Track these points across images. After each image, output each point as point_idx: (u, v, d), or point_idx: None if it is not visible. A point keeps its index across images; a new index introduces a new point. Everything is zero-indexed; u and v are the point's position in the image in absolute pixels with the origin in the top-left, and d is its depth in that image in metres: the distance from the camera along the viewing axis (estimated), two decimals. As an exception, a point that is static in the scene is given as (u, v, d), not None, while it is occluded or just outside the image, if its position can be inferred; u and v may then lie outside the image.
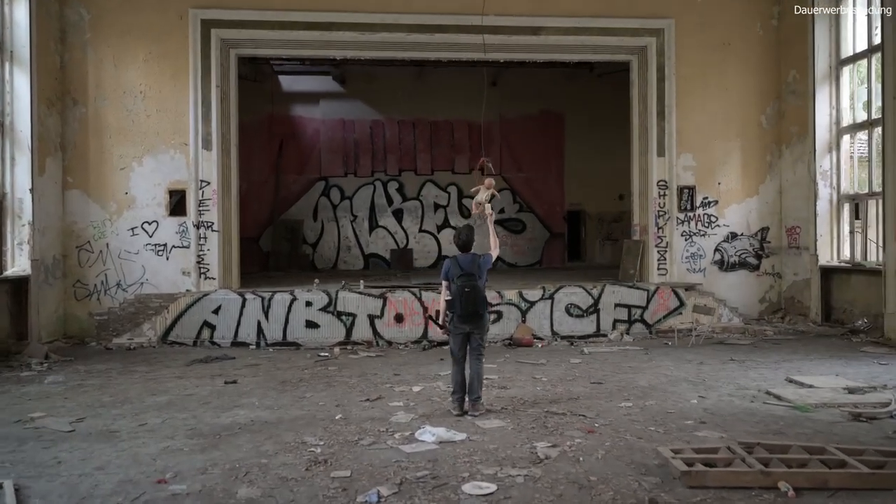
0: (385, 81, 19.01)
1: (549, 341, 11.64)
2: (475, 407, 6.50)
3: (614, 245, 20.00)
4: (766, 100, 13.51)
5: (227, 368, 9.53)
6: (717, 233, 13.40)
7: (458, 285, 6.34)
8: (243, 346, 11.46)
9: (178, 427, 6.30)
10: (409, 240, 19.51)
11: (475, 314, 6.35)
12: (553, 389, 7.75)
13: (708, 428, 6.01)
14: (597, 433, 5.88)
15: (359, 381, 8.42)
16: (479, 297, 6.33)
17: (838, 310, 12.44)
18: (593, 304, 12.03)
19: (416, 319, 11.64)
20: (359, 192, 19.42)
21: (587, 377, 8.49)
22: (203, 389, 8.05)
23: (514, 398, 7.28)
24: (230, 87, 12.77)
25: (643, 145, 13.40)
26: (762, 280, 13.57)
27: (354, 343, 11.44)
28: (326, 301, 11.58)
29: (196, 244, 12.31)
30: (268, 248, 18.84)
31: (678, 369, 8.92)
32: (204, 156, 12.38)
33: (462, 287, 6.31)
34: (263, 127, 18.93)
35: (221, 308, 11.66)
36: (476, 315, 6.36)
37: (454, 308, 6.39)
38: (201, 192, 12.37)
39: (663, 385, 7.93)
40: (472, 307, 6.30)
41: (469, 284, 6.30)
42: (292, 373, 9.13)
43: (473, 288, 6.30)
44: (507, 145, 19.64)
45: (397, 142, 19.54)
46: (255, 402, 7.32)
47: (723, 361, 9.42)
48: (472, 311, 6.33)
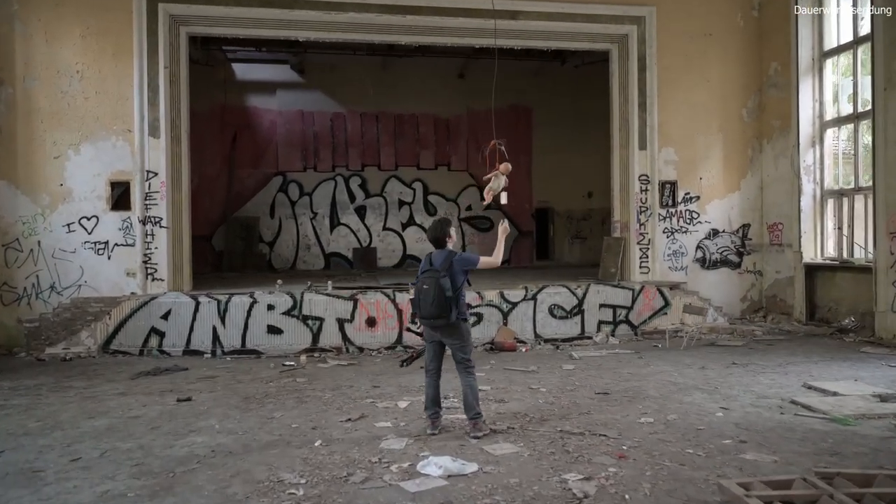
0: (347, 72, 17.81)
1: (532, 345, 10.71)
2: (476, 427, 5.51)
3: (583, 244, 19.33)
4: (747, 93, 12.93)
5: (180, 382, 8.25)
6: (698, 229, 12.74)
7: (418, 282, 5.55)
8: (197, 355, 10.15)
9: (120, 462, 5.07)
10: (373, 238, 18.33)
11: (437, 316, 5.40)
12: (557, 402, 6.79)
13: (752, 449, 5.14)
14: (629, 459, 4.94)
15: (334, 396, 7.28)
16: (440, 295, 5.34)
17: (823, 308, 11.92)
18: (577, 305, 11.16)
19: (390, 323, 10.52)
20: (319, 188, 18.13)
21: (588, 386, 7.57)
22: (151, 409, 6.79)
23: (517, 414, 6.29)
24: (180, 69, 11.40)
25: (624, 138, 12.63)
26: (744, 278, 12.98)
27: (322, 350, 10.26)
28: (291, 304, 10.36)
29: (142, 242, 10.91)
30: (221, 248, 17.37)
31: (682, 375, 8.09)
32: (151, 144, 10.99)
33: (420, 285, 5.49)
34: (215, 117, 17.46)
35: (171, 313, 10.32)
36: (436, 317, 5.40)
37: (414, 307, 5.62)
38: (148, 185, 10.98)
39: (674, 394, 7.07)
40: (432, 307, 5.37)
41: (428, 281, 5.42)
42: (256, 386, 7.92)
43: (433, 286, 5.38)
44: (474, 140, 18.67)
45: (360, 135, 18.34)
46: (214, 425, 6.12)
47: (724, 365, 8.65)
48: (433, 313, 5.39)
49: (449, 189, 18.67)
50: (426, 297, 5.42)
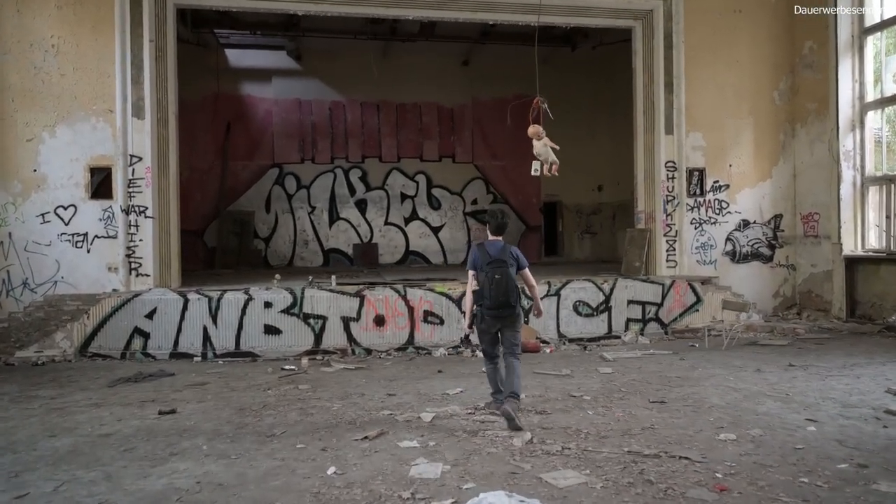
0: (346, 59, 16.58)
1: (556, 345, 9.59)
2: (517, 406, 5.27)
3: (593, 239, 18.23)
4: (778, 74, 11.85)
5: (164, 390, 7.06)
6: (728, 220, 11.64)
7: (488, 273, 5.33)
8: (185, 359, 8.96)
9: (77, 501, 3.89)
10: (374, 233, 17.11)
11: (506, 305, 5.33)
12: (610, 413, 5.65)
13: (881, 476, 4.02)
14: (733, 492, 3.80)
15: (344, 407, 6.11)
16: (510, 285, 5.33)
17: (865, 304, 10.85)
18: (604, 302, 10.04)
19: (401, 322, 9.36)
20: (317, 181, 16.89)
21: (637, 393, 6.44)
22: (127, 425, 5.60)
23: (567, 430, 5.14)
24: (168, 44, 10.18)
25: (649, 121, 11.51)
26: (776, 272, 11.89)
27: (325, 352, 9.09)
28: (290, 301, 9.18)
29: (125, 234, 9.69)
30: (213, 244, 16.11)
31: (739, 379, 6.98)
32: (135, 126, 9.77)
33: (492, 275, 5.31)
34: (208, 106, 16.21)
35: (157, 311, 9.12)
36: (508, 306, 5.33)
37: (482, 300, 5.37)
38: (131, 170, 9.77)
39: (742, 403, 5.95)
40: (504, 297, 5.29)
41: (500, 272, 5.31)
42: (251, 395, 6.74)
43: (504, 275, 5.31)
44: (480, 130, 17.53)
45: (360, 125, 17.13)
46: (202, 446, 4.94)
47: (781, 367, 7.55)
48: (503, 302, 5.31)
49: (453, 182, 17.50)
50: (499, 287, 5.30)
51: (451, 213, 17.46)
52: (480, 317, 5.43)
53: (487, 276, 5.32)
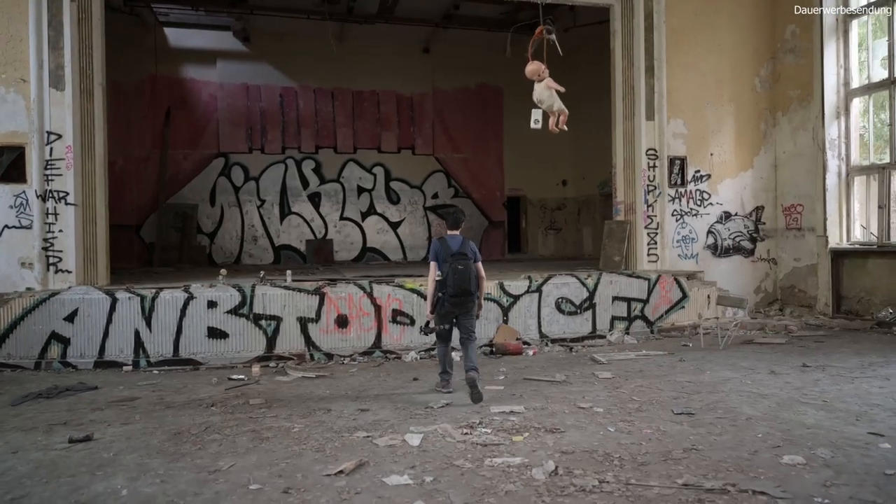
0: (298, 41, 15.23)
1: (538, 346, 8.55)
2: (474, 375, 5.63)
3: (557, 235, 17.38)
4: (759, 60, 11.18)
5: (82, 408, 5.66)
6: (709, 212, 10.89)
7: (452, 264, 5.74)
8: (113, 368, 7.51)
9: None
10: (329, 229, 15.78)
11: (466, 293, 5.77)
12: (635, 430, 4.60)
13: None
14: (852, 545, 2.80)
15: (308, 427, 4.88)
16: (471, 275, 5.79)
17: (851, 299, 10.24)
18: (588, 298, 9.07)
19: (366, 323, 8.14)
20: (267, 172, 15.45)
21: (654, 403, 5.43)
22: (24, 459, 4.23)
23: (593, 454, 4.07)
24: (93, 5, 8.69)
25: (629, 107, 10.64)
26: (757, 267, 11.21)
27: (280, 358, 7.79)
28: (239, 300, 7.83)
29: (42, 223, 8.17)
30: (151, 240, 14.47)
31: (757, 384, 6.08)
32: (53, 97, 8.27)
33: (455, 266, 5.73)
34: (145, 89, 14.58)
35: (79, 313, 7.63)
36: (467, 294, 5.78)
37: (445, 288, 5.76)
38: (49, 150, 8.25)
39: (780, 413, 5.02)
40: (465, 285, 5.73)
41: (462, 263, 5.76)
42: (191, 413, 5.42)
43: (466, 266, 5.77)
44: (441, 121, 16.44)
45: (313, 113, 15.76)
46: (120, 490, 3.65)
47: (796, 368, 6.72)
48: (464, 290, 5.75)
49: (414, 175, 16.33)
50: (463, 276, 5.70)
51: (410, 207, 16.29)
52: (441, 303, 5.78)
53: (451, 267, 5.69)
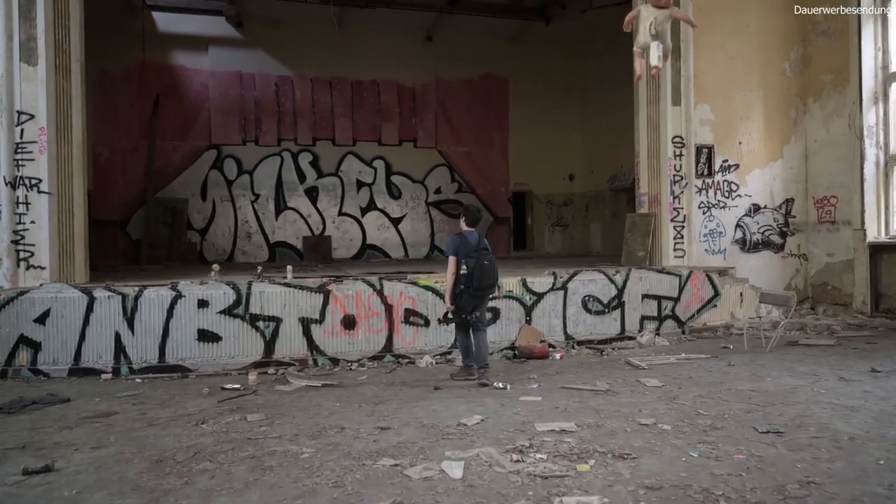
0: (295, 27, 14.28)
1: (565, 349, 7.67)
2: (485, 376, 5.82)
3: (564, 232, 16.53)
4: (789, 43, 10.37)
5: (47, 426, 4.71)
6: (737, 204, 10.05)
7: (476, 259, 5.78)
8: (90, 376, 6.55)
9: None
10: (327, 225, 14.82)
11: (490, 287, 5.89)
12: (723, 455, 3.72)
13: None
14: None
15: (320, 452, 3.96)
16: (496, 269, 5.90)
17: (891, 297, 9.41)
18: (617, 296, 8.19)
19: (376, 324, 7.21)
20: (261, 166, 14.45)
21: (727, 417, 4.55)
22: (-39, 500, 3.29)
23: (688, 491, 3.18)
24: (70, -29, 7.73)
25: (653, 92, 9.78)
26: (787, 263, 10.39)
27: (280, 363, 6.85)
28: (233, 299, 6.89)
29: (10, 214, 7.19)
30: (139, 236, 13.45)
31: (834, 393, 5.22)
32: (24, 73, 7.29)
33: (481, 261, 5.78)
34: (132, 77, 13.55)
35: (52, 314, 6.66)
36: (491, 287, 5.91)
37: (470, 281, 5.78)
38: (20, 131, 7.27)
39: (884, 431, 4.17)
40: (491, 279, 5.85)
41: (487, 258, 5.84)
42: (177, 433, 4.48)
43: (491, 262, 5.86)
44: (444, 113, 15.51)
45: (310, 104, 14.79)
46: (80, 547, 2.72)
47: (865, 374, 5.88)
48: (490, 284, 5.86)
49: (415, 169, 15.39)
50: (489, 270, 5.83)
51: (412, 202, 15.36)
52: (460, 295, 5.83)
53: (477, 262, 5.77)
